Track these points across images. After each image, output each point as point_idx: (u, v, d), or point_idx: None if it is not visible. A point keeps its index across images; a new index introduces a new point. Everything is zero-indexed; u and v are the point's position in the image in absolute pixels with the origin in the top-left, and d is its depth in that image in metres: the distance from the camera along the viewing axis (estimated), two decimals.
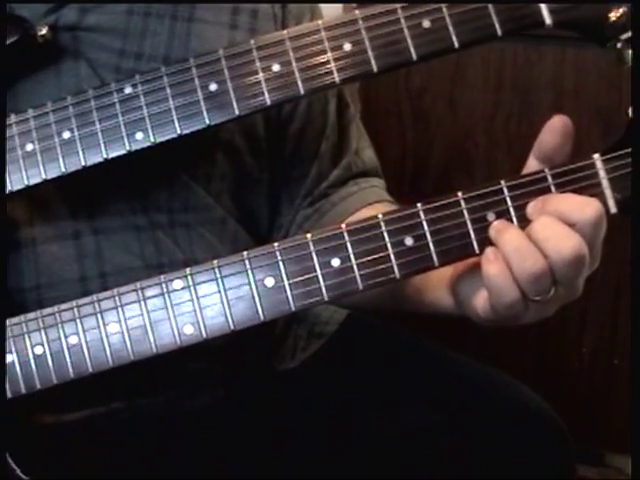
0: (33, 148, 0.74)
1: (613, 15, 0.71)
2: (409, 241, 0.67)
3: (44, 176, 0.74)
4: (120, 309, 0.69)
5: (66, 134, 0.74)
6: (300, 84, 0.72)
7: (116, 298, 0.69)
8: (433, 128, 1.64)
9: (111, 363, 0.69)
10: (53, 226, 0.81)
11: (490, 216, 0.67)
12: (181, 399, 0.87)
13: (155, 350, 0.69)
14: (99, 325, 0.69)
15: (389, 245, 0.67)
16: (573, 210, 0.64)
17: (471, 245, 0.67)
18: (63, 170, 0.74)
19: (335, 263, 0.67)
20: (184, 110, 0.72)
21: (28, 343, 0.70)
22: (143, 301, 0.69)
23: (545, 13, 0.71)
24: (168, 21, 0.83)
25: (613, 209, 0.67)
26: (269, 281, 0.67)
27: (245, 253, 0.68)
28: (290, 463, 0.86)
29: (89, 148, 0.73)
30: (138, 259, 0.82)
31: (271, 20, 0.87)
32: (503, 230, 0.66)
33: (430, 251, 0.67)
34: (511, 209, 0.67)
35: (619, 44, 0.72)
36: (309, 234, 0.68)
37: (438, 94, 1.62)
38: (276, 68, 0.72)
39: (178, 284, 0.69)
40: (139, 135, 0.73)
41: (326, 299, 0.67)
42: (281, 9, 0.88)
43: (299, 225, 0.92)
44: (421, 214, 0.67)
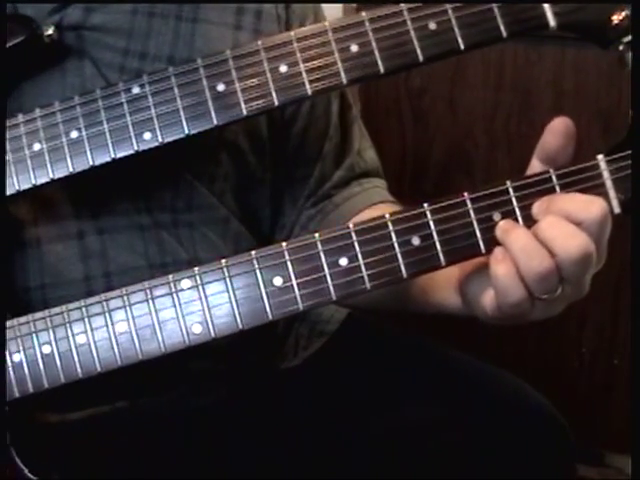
0: (41, 148, 0.74)
1: (616, 18, 0.72)
2: (416, 241, 0.67)
3: (52, 176, 0.74)
4: (128, 308, 0.69)
5: (74, 134, 0.73)
6: (307, 85, 0.72)
7: (124, 297, 0.69)
8: (433, 128, 1.64)
9: (119, 362, 0.69)
10: (58, 226, 0.81)
11: (496, 216, 0.67)
12: (184, 398, 0.87)
13: (164, 349, 0.69)
14: (107, 324, 0.69)
15: (396, 245, 0.67)
16: (579, 209, 0.65)
17: (477, 245, 0.67)
18: (71, 170, 0.74)
19: (343, 263, 0.67)
20: (192, 110, 0.73)
21: (36, 342, 0.70)
22: (151, 300, 0.69)
23: (549, 15, 0.71)
24: (172, 21, 0.83)
25: (617, 209, 0.67)
26: (277, 280, 0.68)
27: (253, 252, 0.68)
28: (293, 461, 0.86)
29: (97, 148, 0.73)
30: (142, 259, 0.82)
31: (275, 21, 0.87)
32: (510, 230, 0.66)
33: (437, 251, 0.67)
34: (517, 209, 0.67)
35: (621, 47, 0.72)
36: (317, 234, 0.68)
37: (438, 94, 1.63)
38: (283, 69, 0.72)
39: (186, 283, 0.69)
40: (147, 135, 0.73)
41: (334, 299, 0.68)
42: (285, 10, 0.88)
43: (303, 226, 0.92)
44: (428, 214, 0.67)
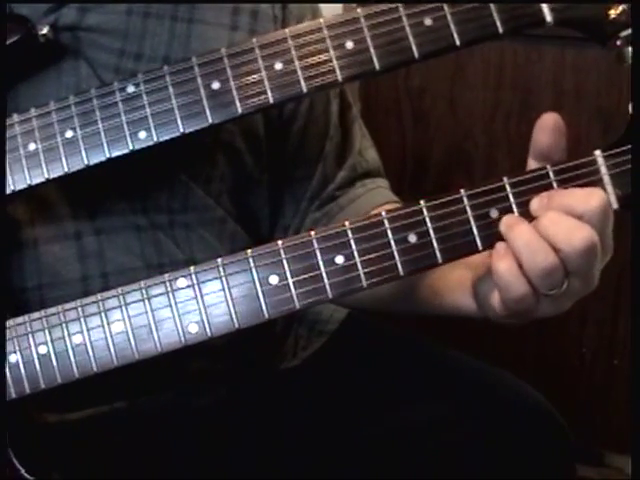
0: (36, 148, 0.73)
1: (613, 12, 0.71)
2: (413, 238, 0.67)
3: (47, 176, 0.73)
4: (124, 308, 0.69)
5: (69, 133, 0.73)
6: (302, 82, 0.71)
7: (120, 297, 0.69)
8: (433, 128, 1.64)
9: (116, 362, 0.69)
10: (55, 226, 0.81)
11: (493, 213, 0.67)
12: (183, 398, 0.87)
13: (160, 349, 0.68)
14: (103, 324, 0.69)
15: (393, 242, 0.67)
16: (578, 202, 0.65)
17: (474, 242, 0.67)
18: (66, 170, 0.73)
19: (339, 261, 0.67)
20: (187, 109, 0.72)
21: (32, 343, 0.70)
22: (147, 300, 0.69)
23: (546, 11, 0.71)
24: (168, 22, 0.83)
25: (614, 205, 0.67)
26: (273, 279, 0.67)
27: (249, 251, 0.68)
28: (292, 461, 0.86)
29: (92, 147, 0.73)
30: (139, 259, 0.82)
31: (271, 21, 0.87)
32: (514, 225, 0.66)
33: (434, 248, 0.67)
34: (514, 206, 0.67)
35: (619, 42, 0.72)
36: (313, 232, 0.68)
37: (438, 94, 1.62)
38: (278, 67, 0.72)
39: (182, 282, 0.68)
40: (142, 134, 0.72)
41: (330, 297, 0.67)
42: (281, 10, 0.88)
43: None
44: (424, 211, 0.67)
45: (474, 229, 0.67)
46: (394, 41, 0.71)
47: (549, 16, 0.71)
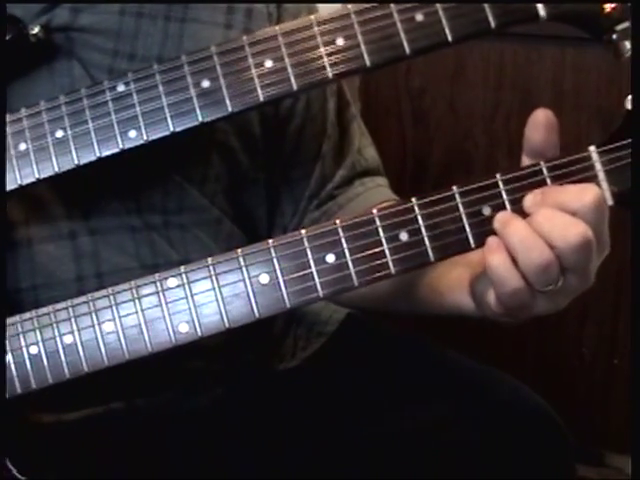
0: (26, 147, 0.73)
1: (608, 6, 0.71)
2: (404, 236, 0.66)
3: (37, 176, 0.73)
4: (115, 308, 0.69)
5: (59, 133, 0.73)
6: (293, 80, 0.71)
7: (111, 297, 0.69)
8: (433, 128, 1.64)
9: (106, 362, 0.69)
10: (49, 226, 0.81)
11: (486, 210, 0.66)
12: (180, 399, 0.87)
13: (150, 349, 0.68)
14: (94, 324, 0.69)
15: (384, 241, 0.66)
16: (572, 199, 0.64)
17: (467, 240, 0.66)
18: (56, 169, 0.73)
19: (330, 259, 0.66)
20: (177, 107, 0.72)
21: (23, 343, 0.69)
22: (138, 299, 0.68)
23: (539, 5, 0.70)
24: (161, 22, 0.83)
25: (610, 201, 0.66)
26: (264, 278, 0.67)
27: (239, 250, 0.68)
28: (290, 462, 0.85)
29: (82, 147, 0.73)
30: (134, 260, 0.82)
31: (266, 19, 0.86)
32: (508, 222, 0.65)
33: (425, 246, 0.66)
34: (507, 203, 0.66)
35: (615, 35, 0.71)
36: (303, 230, 0.67)
37: (438, 94, 1.62)
38: (269, 64, 0.71)
39: (173, 282, 0.68)
40: (132, 133, 0.72)
41: (321, 296, 0.67)
42: (276, 8, 0.88)
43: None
44: (416, 209, 0.66)
45: (466, 227, 0.66)
46: (385, 37, 0.70)
47: (542, 10, 0.70)
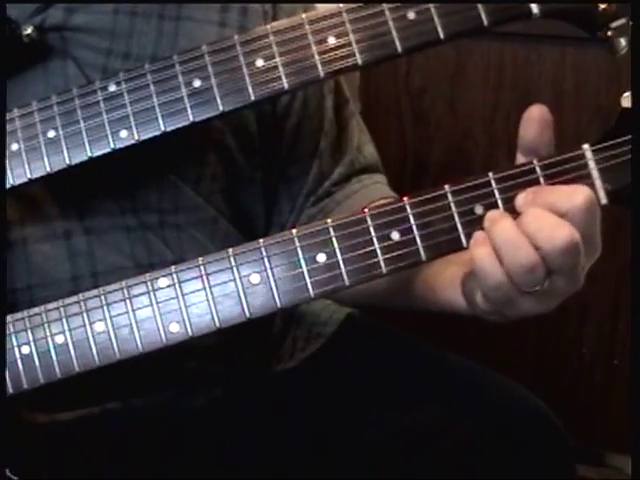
0: (18, 148, 0.73)
1: (602, 4, 0.70)
2: (395, 235, 0.66)
3: (29, 176, 0.73)
4: (106, 307, 0.68)
5: (51, 133, 0.73)
6: (284, 79, 0.71)
7: (102, 297, 0.69)
8: (433, 128, 1.64)
9: (97, 362, 0.69)
10: (44, 226, 0.81)
11: (478, 209, 0.66)
12: (177, 399, 0.86)
13: (141, 349, 0.68)
14: (85, 324, 0.69)
15: (375, 240, 0.66)
16: (562, 200, 0.64)
17: (459, 239, 0.66)
18: (48, 169, 0.73)
19: (321, 259, 0.66)
20: (168, 107, 0.72)
21: (15, 343, 0.70)
22: (129, 299, 0.68)
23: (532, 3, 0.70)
24: (155, 20, 0.83)
25: (604, 200, 0.66)
26: (254, 278, 0.67)
27: (230, 250, 0.67)
28: (288, 463, 0.85)
29: (74, 147, 0.73)
30: (129, 259, 0.82)
31: (261, 17, 0.86)
32: (496, 221, 0.65)
33: (417, 245, 0.66)
34: (499, 201, 0.66)
35: (610, 32, 0.71)
36: (294, 229, 0.67)
37: (438, 94, 1.62)
38: (260, 63, 0.71)
39: (163, 282, 0.68)
40: (123, 133, 0.72)
41: (312, 296, 0.66)
42: (272, 6, 0.87)
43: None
44: (407, 208, 0.66)
45: (458, 226, 0.66)
46: (377, 35, 0.70)
47: (535, 7, 0.70)
